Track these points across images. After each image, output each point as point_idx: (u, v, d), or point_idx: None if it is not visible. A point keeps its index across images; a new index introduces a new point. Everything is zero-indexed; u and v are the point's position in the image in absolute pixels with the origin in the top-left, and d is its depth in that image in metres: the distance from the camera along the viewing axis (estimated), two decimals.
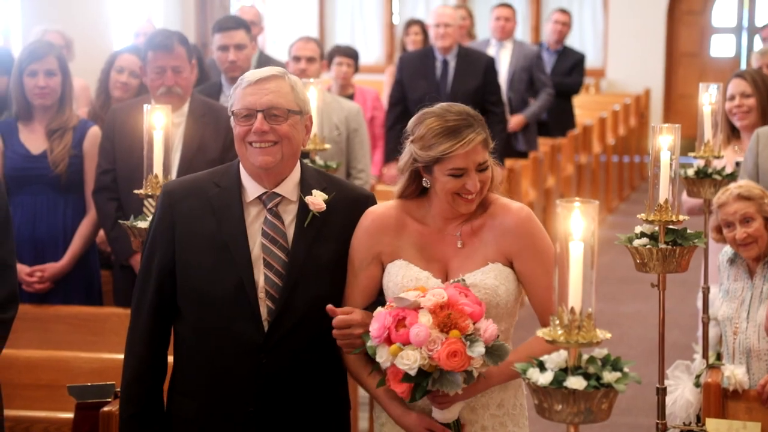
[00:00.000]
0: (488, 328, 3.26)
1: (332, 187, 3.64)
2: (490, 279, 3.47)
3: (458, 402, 3.43)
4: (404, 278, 3.51)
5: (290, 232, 3.57)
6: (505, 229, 3.53)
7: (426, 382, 3.24)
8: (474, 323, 3.25)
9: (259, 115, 3.50)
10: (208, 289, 3.53)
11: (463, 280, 3.42)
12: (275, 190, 3.58)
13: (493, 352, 3.26)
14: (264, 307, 3.52)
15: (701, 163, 4.98)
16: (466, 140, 3.42)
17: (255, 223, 3.57)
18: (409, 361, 3.20)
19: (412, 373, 3.21)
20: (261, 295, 3.53)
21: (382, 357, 3.26)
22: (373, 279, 3.59)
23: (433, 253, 3.55)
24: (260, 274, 3.53)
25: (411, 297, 3.27)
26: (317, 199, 3.58)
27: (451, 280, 3.44)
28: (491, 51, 10.16)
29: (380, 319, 3.28)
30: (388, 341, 3.25)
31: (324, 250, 3.59)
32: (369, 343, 3.30)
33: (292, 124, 3.54)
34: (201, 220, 3.56)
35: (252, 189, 3.58)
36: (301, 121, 3.58)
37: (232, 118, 3.57)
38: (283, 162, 3.55)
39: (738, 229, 4.82)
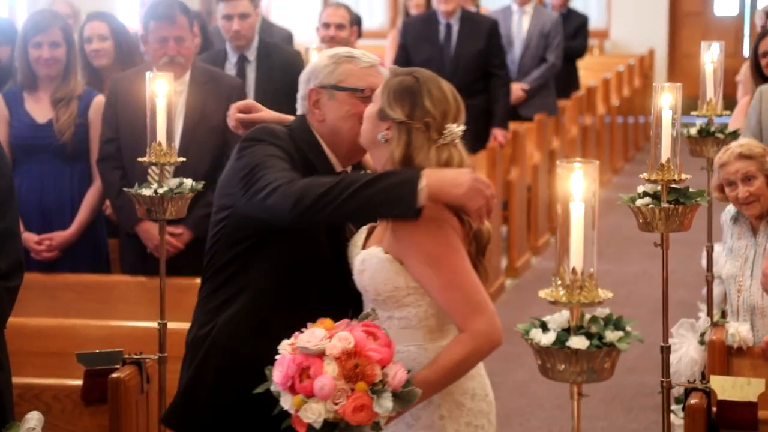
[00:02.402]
0: (397, 373, 3.06)
1: None
2: (357, 263, 3.34)
3: None
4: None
5: None
6: (392, 223, 3.31)
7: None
8: (383, 368, 3.07)
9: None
10: (314, 242, 3.48)
11: (374, 310, 3.25)
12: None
13: (402, 398, 3.07)
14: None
15: (704, 121, 4.96)
16: None
17: None
18: (314, 415, 3.02)
19: (317, 426, 3.03)
20: None
21: (287, 404, 3.08)
22: None
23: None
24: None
25: (316, 341, 3.06)
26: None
27: (362, 314, 3.23)
28: (514, 17, 10.14)
29: (284, 365, 3.08)
30: (293, 391, 3.07)
31: None
32: (273, 388, 3.12)
33: None
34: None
35: (336, 164, 3.57)
36: None
37: (340, 93, 3.50)
38: None
39: (740, 187, 4.80)
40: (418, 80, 3.34)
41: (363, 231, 3.48)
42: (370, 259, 3.30)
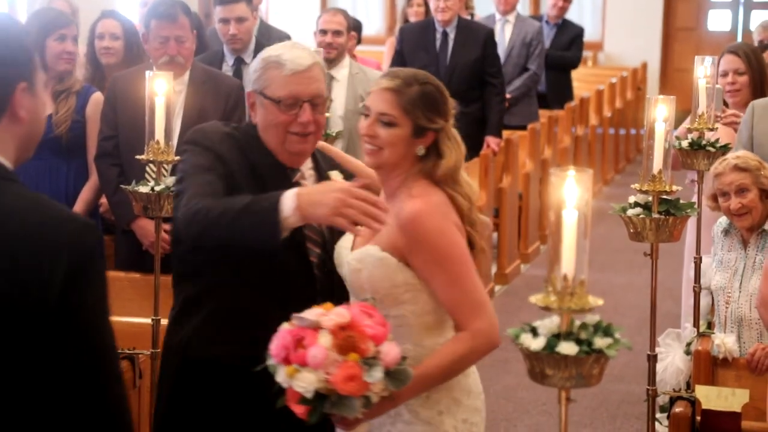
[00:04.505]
0: (390, 351, 3.04)
1: (323, 158, 3.60)
2: (354, 261, 3.31)
3: (364, 422, 3.20)
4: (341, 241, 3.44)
5: None
6: (399, 223, 3.25)
7: (323, 406, 3.03)
8: (376, 346, 3.03)
9: (306, 106, 3.39)
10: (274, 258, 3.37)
11: (373, 299, 3.22)
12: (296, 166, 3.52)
13: (395, 376, 3.03)
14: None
15: (695, 134, 4.97)
16: None
17: None
18: (305, 383, 3.00)
19: (309, 396, 3.01)
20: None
21: (281, 377, 3.05)
22: None
23: None
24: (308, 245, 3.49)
25: (313, 316, 3.05)
26: (339, 179, 3.53)
27: (361, 298, 3.25)
28: (497, 26, 10.15)
29: (281, 337, 3.07)
30: (287, 361, 3.04)
31: None
32: (269, 362, 3.08)
33: (324, 110, 3.47)
34: (247, 182, 3.40)
35: (281, 163, 3.49)
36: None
37: (264, 100, 3.40)
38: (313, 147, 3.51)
39: (733, 199, 4.83)
40: (430, 83, 3.32)
41: (349, 238, 3.44)
42: (367, 257, 3.29)
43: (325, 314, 3.06)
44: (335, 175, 3.55)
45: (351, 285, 3.37)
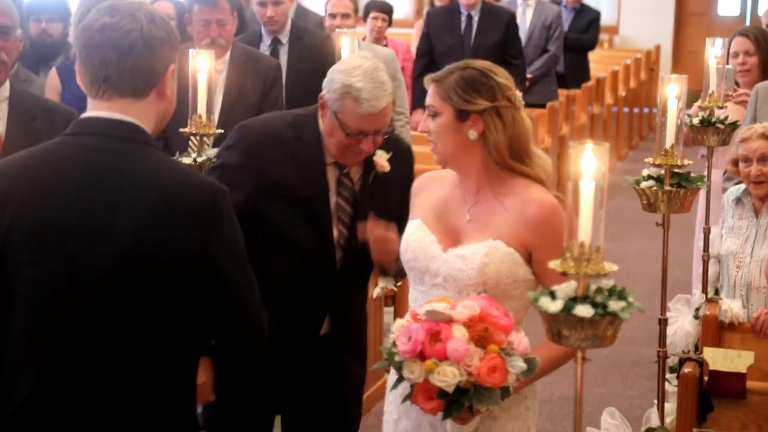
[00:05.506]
0: (521, 341, 2.91)
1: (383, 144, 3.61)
2: (479, 255, 3.13)
3: (477, 416, 3.04)
4: (410, 236, 3.27)
5: (356, 187, 3.62)
6: (527, 219, 3.15)
7: (463, 399, 2.87)
8: (506, 336, 2.91)
9: (371, 137, 3.46)
10: (295, 236, 3.51)
11: (485, 291, 3.05)
12: None
13: (528, 365, 2.91)
14: (337, 254, 3.57)
15: (705, 112, 4.93)
16: None
17: (330, 180, 3.60)
18: (447, 377, 2.83)
19: (450, 390, 2.84)
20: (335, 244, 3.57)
21: (414, 373, 2.88)
22: None
23: (447, 220, 3.27)
24: (335, 228, 3.57)
25: (441, 309, 2.88)
26: (383, 160, 3.59)
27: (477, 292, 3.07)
28: (518, 10, 10.10)
29: (411, 332, 2.89)
30: (421, 357, 2.86)
31: (384, 202, 3.60)
32: (397, 358, 2.90)
33: (383, 133, 3.52)
34: (285, 171, 3.52)
35: (328, 156, 3.60)
36: None
37: (335, 119, 3.46)
38: None
39: (754, 165, 4.81)
40: (471, 67, 3.19)
41: (423, 232, 3.25)
42: (495, 251, 3.14)
43: (452, 307, 2.91)
44: (381, 154, 3.57)
45: (462, 279, 3.16)
